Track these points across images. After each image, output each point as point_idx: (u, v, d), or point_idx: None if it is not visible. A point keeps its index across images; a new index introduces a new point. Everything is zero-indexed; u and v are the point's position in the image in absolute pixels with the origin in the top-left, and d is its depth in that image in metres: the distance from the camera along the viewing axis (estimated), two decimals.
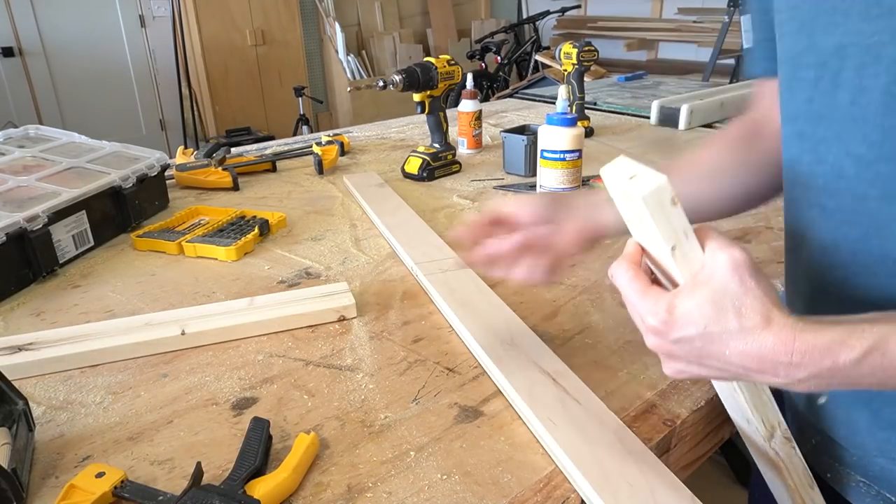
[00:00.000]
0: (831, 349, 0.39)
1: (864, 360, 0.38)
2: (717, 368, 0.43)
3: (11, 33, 3.95)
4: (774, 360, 0.40)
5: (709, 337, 0.41)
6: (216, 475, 0.51)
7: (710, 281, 0.42)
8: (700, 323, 0.41)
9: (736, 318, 0.41)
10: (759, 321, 0.40)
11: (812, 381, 0.40)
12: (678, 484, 0.48)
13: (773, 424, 0.53)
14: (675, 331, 0.42)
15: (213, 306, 0.76)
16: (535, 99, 2.20)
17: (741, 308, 0.41)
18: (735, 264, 0.41)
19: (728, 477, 1.68)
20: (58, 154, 1.06)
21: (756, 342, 0.40)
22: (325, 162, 1.34)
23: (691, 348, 0.43)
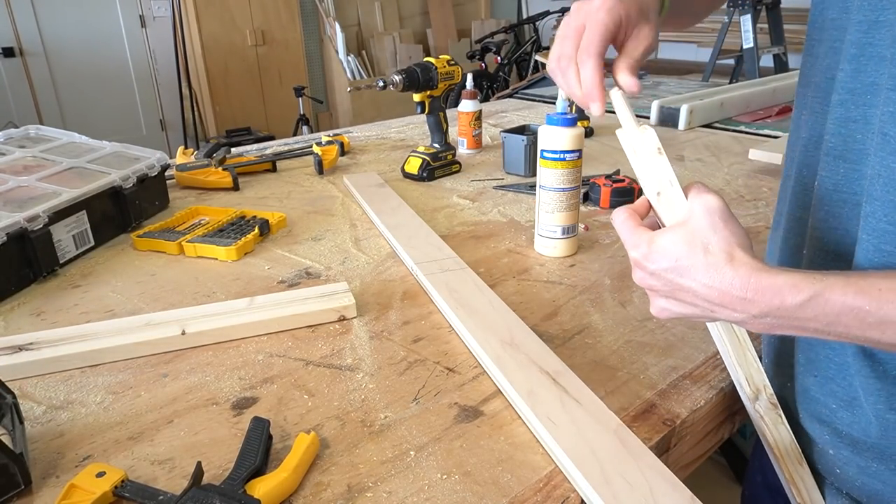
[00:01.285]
0: (781, 290, 0.43)
1: (808, 303, 0.42)
2: (689, 303, 0.48)
3: (12, 33, 3.96)
4: (732, 294, 0.44)
5: (679, 270, 0.47)
6: (216, 475, 0.51)
7: (686, 222, 0.48)
8: (672, 256, 0.47)
9: (703, 254, 0.46)
10: (723, 258, 0.45)
11: (764, 319, 0.44)
12: (678, 483, 0.48)
13: (757, 386, 0.57)
14: (652, 262, 0.48)
15: (214, 306, 0.76)
16: (535, 99, 2.20)
17: (708, 245, 0.46)
18: (708, 208, 0.47)
19: (728, 477, 1.68)
20: (58, 154, 1.06)
21: (718, 276, 0.45)
22: (325, 162, 1.34)
23: (665, 280, 0.48)
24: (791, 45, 3.87)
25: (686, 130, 1.66)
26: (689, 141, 1.56)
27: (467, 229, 1.03)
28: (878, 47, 0.46)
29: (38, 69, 4.09)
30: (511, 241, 0.98)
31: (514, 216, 1.09)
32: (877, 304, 0.41)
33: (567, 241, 0.92)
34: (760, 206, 1.10)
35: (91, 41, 4.24)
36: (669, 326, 0.73)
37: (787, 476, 0.57)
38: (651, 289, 0.50)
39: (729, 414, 0.66)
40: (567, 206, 0.89)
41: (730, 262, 0.45)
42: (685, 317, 0.50)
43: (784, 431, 0.58)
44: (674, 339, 0.71)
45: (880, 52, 0.46)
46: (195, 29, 4.34)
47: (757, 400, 0.57)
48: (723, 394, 0.62)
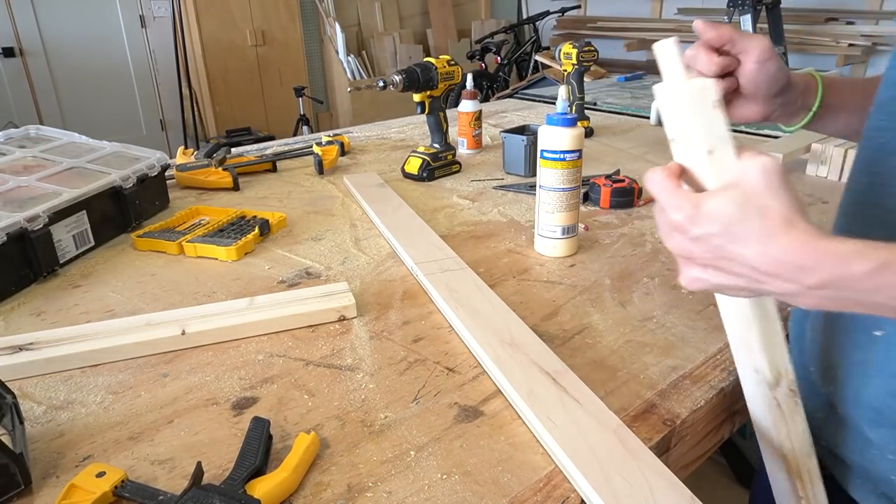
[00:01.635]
0: (847, 257, 0.39)
1: (877, 273, 0.39)
2: (734, 273, 0.44)
3: (12, 33, 3.96)
4: (789, 261, 0.41)
5: (731, 235, 0.42)
6: (216, 475, 0.51)
7: (739, 184, 0.43)
8: (724, 220, 0.43)
9: (759, 219, 0.42)
10: (782, 223, 0.41)
11: (822, 290, 0.41)
12: (678, 483, 0.48)
13: (779, 371, 0.53)
14: (698, 226, 0.44)
15: (214, 306, 0.76)
16: (535, 99, 2.20)
17: (765, 210, 0.42)
18: (766, 170, 0.43)
19: (728, 477, 1.68)
20: (58, 154, 1.06)
21: (776, 244, 0.41)
22: (325, 162, 1.34)
23: (711, 247, 0.44)
24: (791, 45, 3.87)
25: None
26: None
27: (467, 229, 1.03)
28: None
29: (38, 69, 4.09)
30: (511, 241, 0.98)
31: (514, 216, 1.09)
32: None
33: (567, 241, 0.92)
34: None
35: (91, 41, 4.24)
36: (669, 326, 0.73)
37: (793, 469, 0.55)
38: (689, 255, 0.46)
39: (729, 414, 0.66)
40: (567, 206, 0.89)
41: (788, 227, 0.41)
42: (721, 288, 0.46)
43: (800, 421, 0.55)
44: (674, 339, 0.71)
45: None
46: (195, 29, 4.34)
47: (777, 386, 0.53)
48: (723, 394, 0.62)
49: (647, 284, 0.83)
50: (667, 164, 0.48)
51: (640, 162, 1.38)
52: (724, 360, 0.66)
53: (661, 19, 5.08)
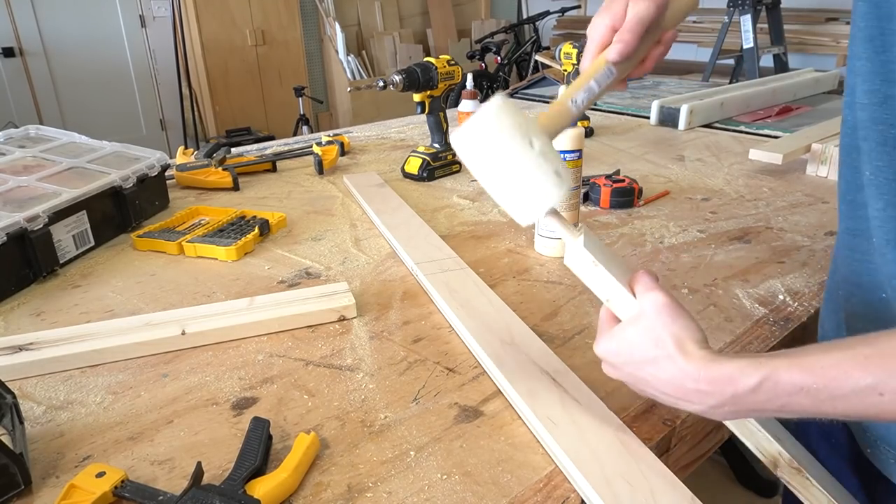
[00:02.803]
0: (732, 378, 0.43)
1: (760, 387, 0.42)
2: (654, 395, 0.49)
3: (12, 33, 3.95)
4: (686, 387, 0.46)
5: (636, 364, 0.49)
6: (216, 475, 0.51)
7: (639, 318, 0.49)
8: (628, 351, 0.49)
9: (654, 349, 0.47)
10: (673, 352, 0.46)
11: (723, 408, 0.45)
12: (678, 484, 0.48)
13: (772, 454, 0.55)
14: (612, 357, 0.51)
15: (214, 306, 0.76)
16: (535, 99, 2.20)
17: (658, 341, 0.47)
18: (655, 307, 0.48)
19: (728, 477, 1.68)
20: (58, 154, 1.06)
21: (669, 370, 0.46)
22: (325, 162, 1.34)
23: (626, 373, 0.50)
24: (791, 45, 3.87)
25: (686, 130, 1.66)
26: (690, 141, 1.56)
27: (467, 229, 1.03)
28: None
29: (38, 69, 4.09)
30: (511, 241, 0.98)
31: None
32: (822, 382, 0.41)
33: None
34: (760, 206, 1.10)
35: (91, 41, 4.24)
36: None
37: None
38: (619, 378, 0.52)
39: None
40: (567, 207, 0.89)
41: (681, 355, 0.46)
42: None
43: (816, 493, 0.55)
44: None
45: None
46: (195, 29, 4.34)
47: (777, 468, 0.55)
48: None
49: None
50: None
51: (640, 162, 1.38)
52: None
53: None
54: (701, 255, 0.90)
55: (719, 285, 0.83)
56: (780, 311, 0.76)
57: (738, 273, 0.86)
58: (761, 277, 0.84)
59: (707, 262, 0.89)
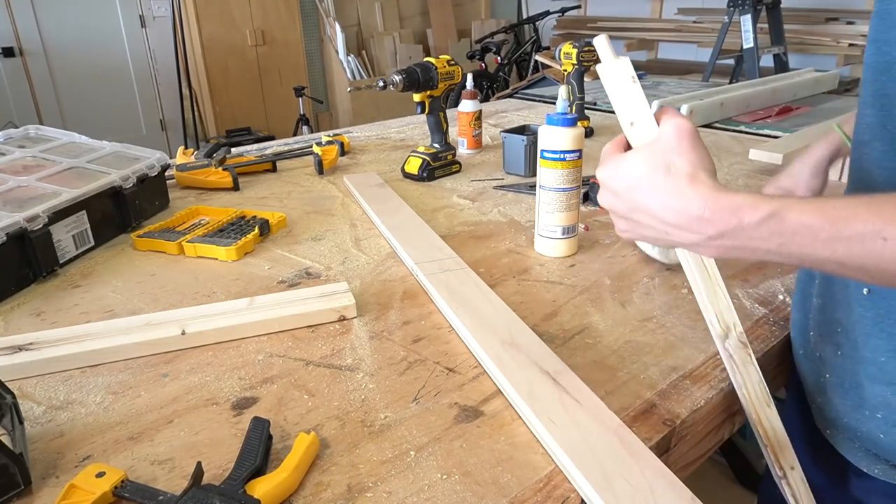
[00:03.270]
0: (740, 209, 0.43)
1: (765, 222, 0.42)
2: (647, 225, 0.49)
3: (12, 33, 3.95)
4: (689, 213, 0.45)
5: (640, 189, 0.48)
6: (216, 475, 0.51)
7: (654, 143, 0.48)
8: (633, 174, 0.48)
9: (664, 174, 0.46)
10: (684, 179, 0.45)
11: (720, 240, 0.45)
12: (678, 483, 0.48)
13: (727, 324, 0.57)
14: (616, 181, 0.50)
15: (214, 306, 0.76)
16: (535, 99, 2.20)
17: (670, 166, 0.46)
18: (678, 130, 0.47)
19: (728, 477, 1.68)
20: (58, 154, 1.06)
21: (677, 196, 0.45)
22: (325, 162, 1.34)
23: (626, 199, 0.49)
24: (791, 45, 3.87)
25: None
26: None
27: (467, 229, 1.03)
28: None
29: (38, 69, 4.09)
30: (511, 241, 0.98)
31: (514, 216, 1.09)
32: (830, 222, 0.41)
33: (567, 241, 0.92)
34: None
35: (91, 41, 4.24)
36: (669, 326, 0.73)
37: (754, 418, 0.58)
38: (612, 208, 0.51)
39: (729, 414, 0.66)
40: (567, 206, 0.89)
41: (690, 182, 0.45)
42: (644, 239, 0.52)
43: (753, 371, 0.58)
44: (674, 339, 0.71)
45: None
46: (195, 29, 4.34)
47: (727, 338, 0.57)
48: (723, 394, 0.62)
49: (647, 284, 0.83)
50: None
51: None
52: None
53: (661, 19, 5.08)
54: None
55: None
56: (780, 311, 0.76)
57: (738, 273, 0.86)
58: (761, 277, 0.85)
59: None
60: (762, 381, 0.59)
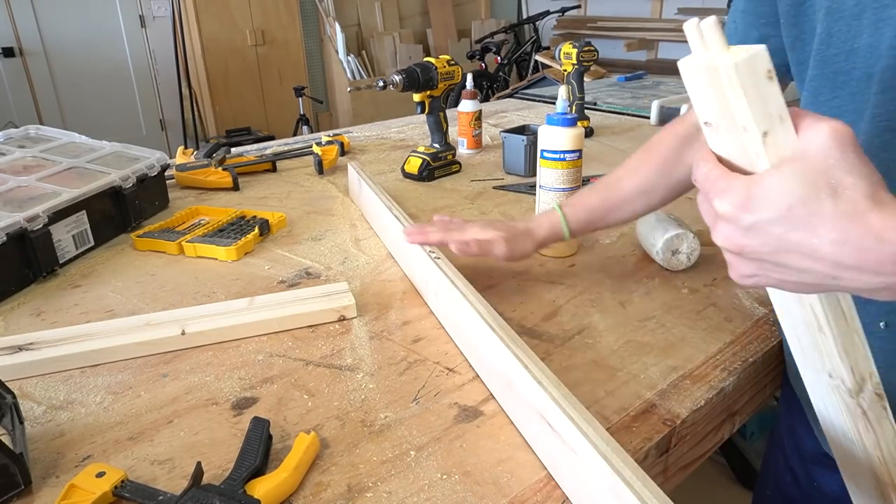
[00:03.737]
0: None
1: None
2: (799, 269, 0.35)
3: (12, 33, 3.95)
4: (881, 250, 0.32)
5: (793, 221, 0.34)
6: (216, 475, 0.51)
7: (803, 156, 0.34)
8: (783, 203, 0.34)
9: (831, 199, 0.33)
10: (863, 204, 0.33)
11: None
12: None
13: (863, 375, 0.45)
14: (751, 213, 0.35)
15: (213, 306, 0.76)
16: (535, 99, 2.20)
17: (839, 187, 0.33)
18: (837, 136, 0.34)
19: (728, 477, 1.68)
20: (58, 154, 1.06)
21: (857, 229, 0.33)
22: (325, 162, 1.34)
23: (768, 238, 0.35)
24: None
25: None
26: None
27: None
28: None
29: (38, 69, 4.09)
30: None
31: (514, 216, 1.09)
32: None
33: (567, 242, 0.91)
34: None
35: (91, 41, 4.24)
36: (669, 326, 0.73)
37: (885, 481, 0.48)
38: (742, 250, 0.37)
39: (729, 414, 0.66)
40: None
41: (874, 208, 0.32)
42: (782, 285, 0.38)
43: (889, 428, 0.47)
44: (674, 339, 0.71)
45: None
46: (195, 29, 4.34)
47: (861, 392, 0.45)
48: (723, 394, 0.62)
49: (647, 284, 0.83)
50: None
51: None
52: (724, 360, 0.66)
53: (661, 19, 5.08)
54: (701, 255, 0.90)
55: (719, 285, 0.83)
56: None
57: None
58: None
59: (707, 262, 0.88)
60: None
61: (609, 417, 0.58)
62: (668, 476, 0.60)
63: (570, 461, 0.47)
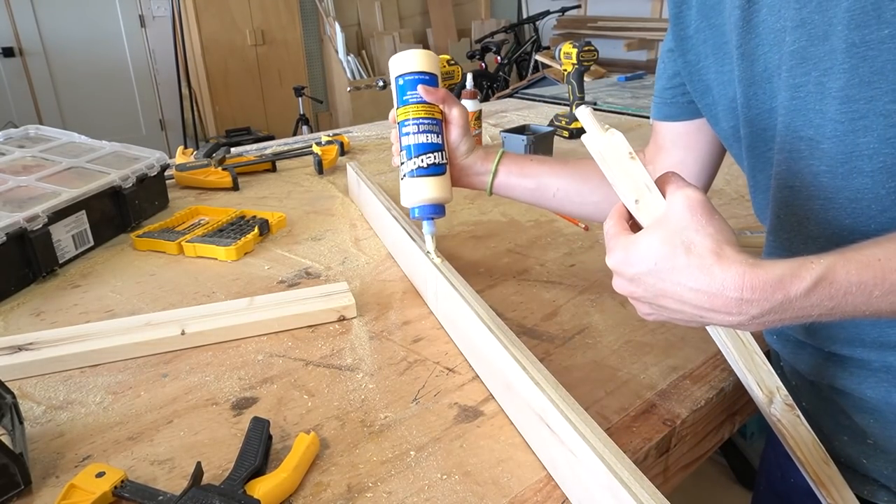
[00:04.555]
0: (783, 282, 0.40)
1: (814, 290, 0.40)
2: (675, 310, 0.44)
3: (11, 33, 3.95)
4: (726, 295, 0.41)
5: (658, 274, 0.43)
6: (216, 475, 0.51)
7: (665, 219, 0.44)
8: (650, 260, 0.43)
9: (685, 255, 0.42)
10: (709, 258, 0.41)
11: (766, 317, 0.41)
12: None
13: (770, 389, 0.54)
14: (629, 268, 0.45)
15: (213, 306, 0.76)
16: (536, 99, 2.20)
17: (691, 245, 0.42)
18: (689, 203, 0.43)
19: (728, 477, 1.68)
20: (58, 154, 1.06)
21: (706, 278, 0.41)
22: (324, 162, 1.34)
23: (646, 286, 0.45)
24: None
25: None
26: None
27: (467, 229, 1.03)
28: None
29: (37, 69, 4.09)
30: (511, 241, 0.98)
31: (514, 216, 1.09)
32: (881, 275, 0.39)
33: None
34: None
35: (91, 41, 4.24)
36: (670, 326, 0.73)
37: (813, 478, 0.54)
38: (632, 296, 0.47)
39: (729, 414, 0.66)
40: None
41: (718, 261, 0.41)
42: (673, 321, 0.47)
43: (804, 432, 0.55)
44: (674, 339, 0.71)
45: None
46: (195, 29, 4.34)
47: (772, 404, 0.54)
48: (723, 394, 0.62)
49: None
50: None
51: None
52: (724, 361, 0.66)
53: (661, 19, 5.08)
54: None
55: None
56: None
57: None
58: None
59: None
60: (815, 440, 0.55)
61: (609, 417, 0.58)
62: (668, 476, 0.60)
63: (568, 462, 0.48)
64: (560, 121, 1.63)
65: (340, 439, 0.55)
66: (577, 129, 1.60)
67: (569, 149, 1.51)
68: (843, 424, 0.56)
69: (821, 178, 0.49)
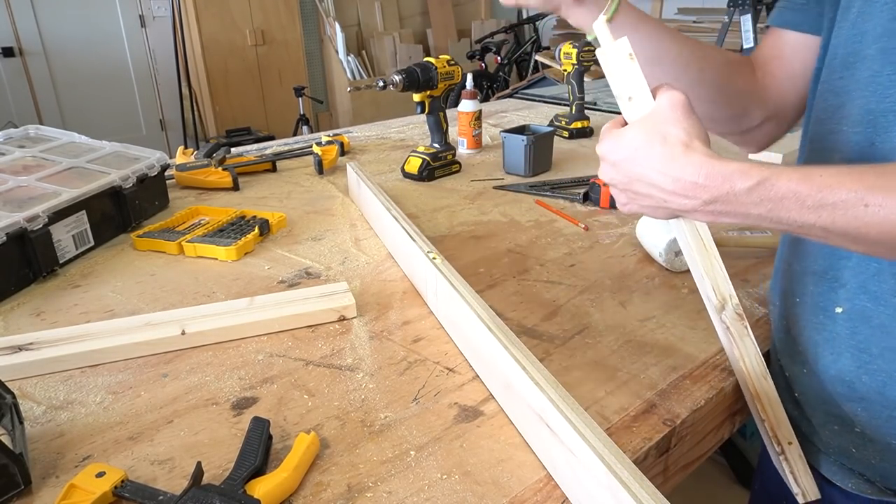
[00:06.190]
0: (732, 175, 0.45)
1: (756, 188, 0.45)
2: (645, 194, 0.51)
3: (11, 33, 3.95)
4: (685, 180, 0.47)
5: (636, 160, 0.50)
6: (216, 475, 0.51)
7: (650, 116, 0.50)
8: (631, 147, 0.50)
9: (660, 144, 0.48)
10: (680, 147, 0.48)
11: (713, 205, 0.47)
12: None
13: (724, 295, 0.58)
14: (612, 154, 0.52)
15: (213, 306, 0.76)
16: (535, 99, 2.20)
17: (666, 136, 0.48)
18: (672, 102, 0.49)
19: (728, 477, 1.68)
20: (58, 154, 1.06)
21: (673, 163, 0.47)
22: (325, 162, 1.34)
23: (625, 172, 0.51)
24: None
25: None
26: None
27: (467, 229, 1.03)
28: None
29: (37, 69, 4.09)
30: (511, 241, 0.98)
31: (514, 216, 1.09)
32: (816, 189, 0.43)
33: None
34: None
35: (91, 41, 4.23)
36: (669, 326, 0.73)
37: (751, 391, 0.58)
38: (612, 181, 0.53)
39: (729, 414, 0.66)
40: None
41: (685, 150, 0.47)
42: (643, 210, 0.53)
43: (749, 344, 0.59)
44: (674, 339, 0.71)
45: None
46: (195, 29, 4.34)
47: (724, 310, 0.58)
48: (723, 394, 0.62)
49: (647, 284, 0.83)
50: None
51: None
52: (724, 360, 0.66)
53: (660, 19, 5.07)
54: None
55: None
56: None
57: (738, 273, 0.86)
58: (761, 277, 0.85)
59: None
60: (759, 353, 0.59)
61: (609, 417, 0.58)
62: (668, 476, 0.60)
63: (568, 461, 0.48)
64: (560, 121, 1.63)
65: (340, 439, 0.55)
66: (577, 130, 1.60)
67: (569, 149, 1.51)
68: (833, 414, 0.58)
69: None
